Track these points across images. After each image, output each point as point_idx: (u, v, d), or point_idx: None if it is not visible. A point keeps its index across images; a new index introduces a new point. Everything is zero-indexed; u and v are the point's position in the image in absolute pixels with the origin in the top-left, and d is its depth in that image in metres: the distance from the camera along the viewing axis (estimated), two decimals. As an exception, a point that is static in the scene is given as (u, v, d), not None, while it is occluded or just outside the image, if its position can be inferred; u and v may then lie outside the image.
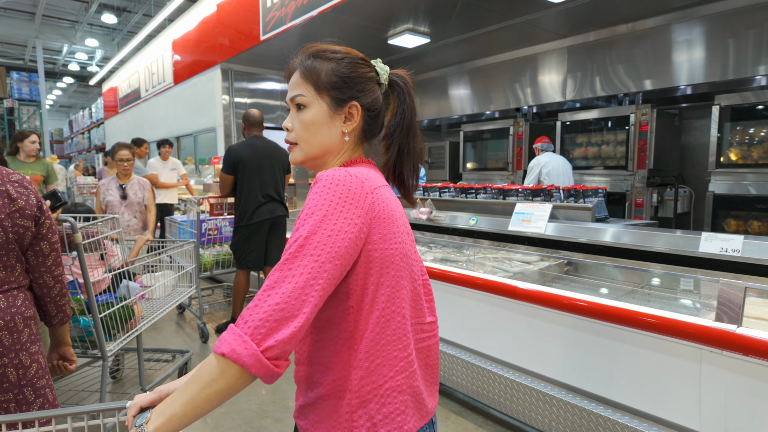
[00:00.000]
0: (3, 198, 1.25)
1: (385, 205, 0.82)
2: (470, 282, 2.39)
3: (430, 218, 3.44)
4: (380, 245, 0.79)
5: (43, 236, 1.35)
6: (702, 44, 4.53)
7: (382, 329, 0.80)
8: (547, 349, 2.13)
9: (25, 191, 1.31)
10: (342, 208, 0.76)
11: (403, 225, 0.87)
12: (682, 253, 2.14)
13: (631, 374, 1.85)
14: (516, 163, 6.30)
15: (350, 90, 0.90)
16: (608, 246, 2.48)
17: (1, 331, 1.23)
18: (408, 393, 0.82)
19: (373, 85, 0.93)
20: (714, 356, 1.55)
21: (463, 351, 2.50)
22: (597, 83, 5.29)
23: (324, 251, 0.72)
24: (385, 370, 0.80)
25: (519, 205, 2.90)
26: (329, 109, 0.90)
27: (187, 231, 3.88)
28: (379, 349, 0.80)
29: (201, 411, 0.70)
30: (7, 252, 1.25)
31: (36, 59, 13.63)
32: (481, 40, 5.49)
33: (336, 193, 0.77)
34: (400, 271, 0.82)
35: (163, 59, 8.65)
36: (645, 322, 1.71)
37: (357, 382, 0.79)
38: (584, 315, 1.95)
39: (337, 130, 0.91)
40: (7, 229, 1.24)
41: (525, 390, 2.16)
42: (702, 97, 5.32)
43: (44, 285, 1.38)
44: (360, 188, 0.79)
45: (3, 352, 1.23)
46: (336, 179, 0.78)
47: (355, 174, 0.81)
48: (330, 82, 0.89)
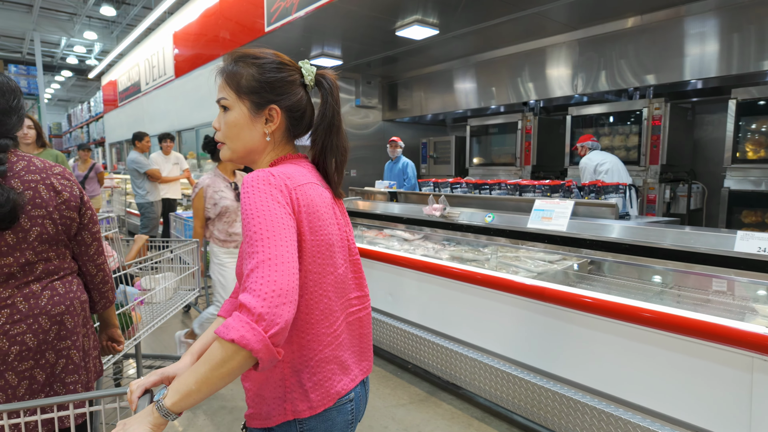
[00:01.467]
0: (49, 191, 1.29)
1: (308, 200, 0.92)
2: (501, 285, 2.27)
3: (444, 215, 3.34)
4: (308, 236, 0.91)
5: (85, 226, 1.40)
6: (716, 36, 4.41)
7: (310, 310, 0.92)
8: (579, 354, 2.04)
9: (68, 183, 1.35)
10: (271, 200, 0.85)
11: (330, 217, 0.98)
12: (717, 253, 2.04)
13: (674, 382, 1.76)
14: (524, 158, 6.19)
15: (269, 94, 0.97)
16: (635, 245, 2.39)
17: (64, 315, 1.31)
18: (334, 362, 0.96)
19: (294, 87, 1.00)
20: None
21: (485, 354, 2.41)
22: (607, 77, 5.17)
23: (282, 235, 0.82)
24: (314, 345, 0.93)
25: (539, 201, 2.79)
26: (249, 112, 0.98)
27: (192, 227, 3.78)
28: (308, 328, 0.92)
29: (215, 388, 0.78)
30: (57, 242, 1.32)
31: (34, 52, 13.45)
32: (490, 32, 5.37)
33: (261, 190, 0.85)
34: (325, 260, 0.94)
35: (163, 52, 8.51)
36: (694, 328, 1.61)
37: (290, 355, 0.92)
38: (631, 322, 1.85)
39: (258, 131, 0.99)
40: (56, 222, 1.30)
41: (556, 398, 2.06)
42: (715, 91, 5.22)
43: (87, 273, 1.44)
44: (281, 185, 0.88)
45: (67, 334, 1.31)
46: (257, 180, 0.87)
47: (277, 174, 0.89)
48: (249, 86, 0.97)
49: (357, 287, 1.06)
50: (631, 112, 5.08)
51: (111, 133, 13.30)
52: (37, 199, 1.26)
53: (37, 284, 1.28)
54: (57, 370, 1.30)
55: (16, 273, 1.24)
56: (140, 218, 5.74)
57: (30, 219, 1.25)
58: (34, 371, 1.24)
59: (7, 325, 1.20)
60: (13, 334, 1.21)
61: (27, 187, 1.25)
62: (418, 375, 2.95)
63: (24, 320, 1.23)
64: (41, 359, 1.26)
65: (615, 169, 4.76)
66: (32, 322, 1.24)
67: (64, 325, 1.31)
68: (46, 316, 1.27)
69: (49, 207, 1.28)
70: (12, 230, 1.22)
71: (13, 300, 1.23)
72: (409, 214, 3.74)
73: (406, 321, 2.92)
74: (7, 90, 1.29)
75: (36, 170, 1.29)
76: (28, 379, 1.23)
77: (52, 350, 1.28)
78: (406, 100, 7.58)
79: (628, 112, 5.12)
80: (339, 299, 0.99)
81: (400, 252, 3.05)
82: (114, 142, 13.12)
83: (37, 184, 1.28)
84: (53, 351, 1.29)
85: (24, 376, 1.22)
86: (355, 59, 6.29)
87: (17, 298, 1.23)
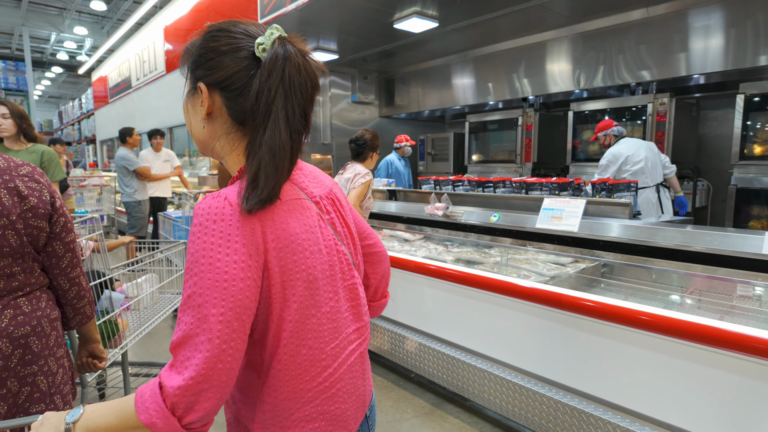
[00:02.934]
0: (12, 196, 1.12)
1: (280, 231, 0.73)
2: (513, 291, 2.11)
3: (447, 214, 3.19)
4: (279, 279, 0.73)
5: (57, 236, 1.22)
6: (721, 30, 4.29)
7: (286, 364, 0.76)
8: (599, 367, 1.89)
9: (37, 186, 1.18)
10: (228, 250, 0.68)
11: (313, 243, 0.78)
12: (743, 256, 1.91)
13: (705, 399, 1.62)
14: (525, 155, 6.05)
15: (198, 69, 0.79)
16: (652, 246, 2.25)
17: (29, 337, 1.15)
18: (321, 419, 0.79)
19: (227, 60, 0.77)
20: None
21: (495, 365, 2.26)
22: (610, 71, 5.04)
23: (221, 299, 0.67)
24: (290, 404, 0.77)
25: (547, 200, 2.65)
26: (187, 95, 0.83)
27: (182, 228, 3.61)
28: (283, 385, 0.76)
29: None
30: (22, 255, 1.15)
31: (23, 48, 13.16)
32: (489, 25, 5.23)
33: (209, 232, 0.69)
34: (305, 301, 0.76)
35: (154, 46, 8.30)
36: (736, 342, 1.46)
37: (261, 415, 0.78)
38: (660, 333, 1.71)
39: (197, 117, 0.82)
40: (20, 232, 1.12)
41: (574, 413, 1.92)
42: (720, 86, 5.10)
43: (59, 287, 1.27)
44: (242, 220, 0.70)
45: (32, 359, 1.15)
46: (212, 214, 0.70)
47: (234, 200, 0.71)
48: (189, 64, 0.81)
49: (354, 318, 0.87)
50: (636, 107, 4.95)
51: (102, 130, 13.06)
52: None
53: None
54: (20, 400, 1.14)
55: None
56: (127, 217, 5.54)
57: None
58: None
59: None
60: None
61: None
62: (422, 385, 2.79)
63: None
64: (2, 388, 1.10)
65: (652, 166, 3.98)
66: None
67: (29, 348, 1.14)
68: (8, 338, 1.11)
69: (12, 215, 1.10)
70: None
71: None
72: (410, 214, 3.59)
73: (409, 328, 2.76)
74: None
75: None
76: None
77: (15, 377, 1.12)
78: (403, 96, 7.42)
79: (633, 108, 4.99)
80: (330, 343, 0.81)
81: (401, 254, 2.89)
82: (105, 139, 12.89)
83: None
84: (16, 378, 1.12)
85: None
86: (352, 53, 6.12)
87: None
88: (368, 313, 0.93)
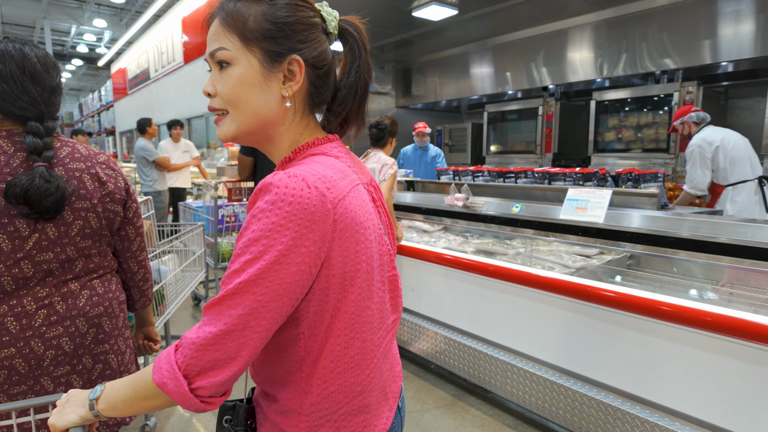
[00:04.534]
0: (94, 181, 1.18)
1: (350, 218, 0.67)
2: (539, 283, 2.07)
3: (467, 205, 3.14)
4: (339, 270, 0.67)
5: (129, 220, 1.29)
6: (752, 15, 4.14)
7: (338, 356, 0.71)
8: (630, 360, 1.85)
9: (113, 173, 1.25)
10: (294, 235, 0.62)
11: (372, 231, 0.73)
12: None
13: (746, 396, 1.57)
14: (545, 145, 5.95)
15: (289, 40, 0.71)
16: (681, 238, 2.18)
17: (102, 317, 1.21)
18: (365, 412, 0.76)
19: (318, 33, 0.74)
20: None
21: (518, 357, 2.23)
22: (634, 60, 4.91)
23: (269, 288, 0.62)
24: (341, 397, 0.73)
25: (572, 190, 2.59)
26: (262, 66, 0.71)
27: (202, 218, 3.63)
28: (334, 377, 0.72)
29: (140, 413, 0.73)
30: (100, 237, 1.21)
31: (44, 41, 13.37)
32: (509, 12, 5.13)
33: (288, 215, 0.62)
34: (363, 292, 0.72)
35: (172, 38, 8.34)
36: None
37: (308, 407, 0.72)
38: (696, 327, 1.66)
39: (274, 93, 0.72)
40: (100, 215, 1.19)
41: (600, 407, 1.88)
42: (750, 74, 4.93)
43: (128, 270, 1.34)
44: (320, 206, 0.64)
45: (104, 338, 1.22)
46: (289, 195, 0.62)
47: (314, 184, 0.64)
48: (261, 30, 0.70)
49: (393, 309, 0.84)
50: (662, 96, 4.82)
51: (121, 122, 13.23)
52: (82, 190, 1.15)
53: (76, 283, 1.18)
54: (93, 376, 1.21)
55: (54, 270, 1.13)
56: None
57: (73, 212, 1.14)
58: (71, 377, 1.16)
59: (43, 327, 1.11)
60: (49, 337, 1.12)
61: (71, 176, 1.14)
62: (443, 376, 2.78)
63: (61, 322, 1.13)
64: (78, 364, 1.17)
65: (745, 156, 3.44)
66: (69, 324, 1.15)
67: (102, 327, 1.22)
68: (84, 318, 1.18)
69: (94, 199, 1.17)
70: (54, 223, 1.11)
71: (51, 300, 1.13)
72: (429, 204, 3.55)
73: (430, 319, 2.74)
74: (51, 66, 1.16)
75: (81, 158, 1.18)
76: (64, 385, 1.15)
77: (89, 355, 1.20)
78: (420, 86, 7.34)
79: (658, 97, 4.85)
80: (376, 333, 0.77)
81: (420, 244, 2.86)
82: (124, 131, 13.06)
83: (82, 174, 1.16)
84: (90, 356, 1.20)
85: (60, 382, 1.14)
86: (369, 42, 6.06)
87: (55, 298, 1.13)
88: (402, 304, 0.89)
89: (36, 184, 1.04)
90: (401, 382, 0.90)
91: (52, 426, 0.75)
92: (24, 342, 1.09)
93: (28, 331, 1.09)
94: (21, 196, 1.03)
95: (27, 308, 1.10)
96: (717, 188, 3.59)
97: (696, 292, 2.07)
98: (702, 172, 3.48)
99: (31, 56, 1.12)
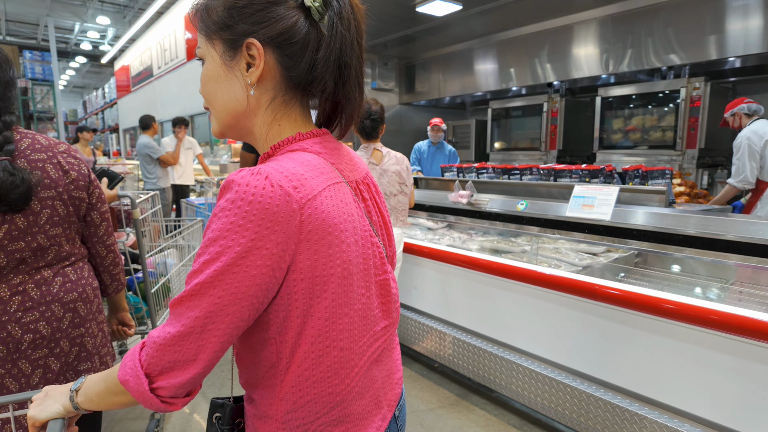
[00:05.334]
0: (57, 170, 1.23)
1: (321, 220, 0.63)
2: (546, 281, 2.04)
3: (471, 202, 3.12)
4: (308, 274, 0.64)
5: (93, 206, 1.34)
6: (761, 9, 4.08)
7: (312, 365, 0.68)
8: (637, 360, 1.82)
9: (75, 161, 1.29)
10: (254, 236, 0.59)
11: (351, 231, 0.68)
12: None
13: (761, 400, 1.54)
14: (549, 142, 5.90)
15: (242, 24, 0.67)
16: (689, 236, 2.15)
17: (77, 302, 1.28)
18: (346, 422, 0.73)
19: (280, 9, 0.68)
20: None
21: (523, 356, 2.20)
22: (640, 55, 4.85)
23: (227, 291, 0.59)
24: (318, 407, 0.70)
25: (578, 187, 2.56)
26: (222, 58, 0.70)
27: (204, 214, 3.62)
28: (309, 386, 0.69)
29: (112, 408, 0.73)
30: (69, 225, 1.26)
31: (48, 38, 13.38)
32: (514, 7, 5.07)
33: (247, 214, 0.59)
34: (338, 298, 0.68)
35: (175, 34, 8.32)
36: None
37: (284, 414, 0.70)
38: (707, 327, 1.63)
39: (238, 83, 0.70)
40: (66, 202, 1.24)
41: (608, 407, 1.85)
42: (758, 69, 4.87)
43: (97, 255, 1.39)
44: (283, 206, 0.60)
45: (80, 322, 1.28)
46: (250, 193, 0.59)
47: (278, 182, 0.61)
48: (218, 21, 0.69)
49: (384, 315, 0.79)
50: (669, 92, 4.76)
51: (125, 119, 13.24)
52: (46, 179, 1.19)
53: (49, 270, 1.23)
54: (71, 359, 1.27)
55: (27, 258, 1.19)
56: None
57: (40, 201, 1.18)
58: (48, 360, 1.22)
59: (19, 312, 1.17)
60: (26, 321, 1.17)
61: (34, 167, 1.18)
62: (447, 375, 2.75)
63: (36, 308, 1.19)
64: (55, 348, 1.23)
65: None
66: (45, 310, 1.21)
67: (77, 312, 1.28)
68: (59, 303, 1.23)
69: (59, 187, 1.22)
70: (22, 213, 1.16)
71: (25, 287, 1.18)
72: (433, 201, 3.53)
73: (435, 318, 2.72)
74: (2, 61, 1.18)
75: (42, 148, 1.22)
76: (42, 368, 1.20)
77: (66, 338, 1.25)
78: (423, 83, 7.30)
79: (664, 93, 4.80)
80: (357, 342, 0.72)
81: (424, 242, 2.84)
82: (128, 128, 13.07)
83: (45, 164, 1.20)
84: (67, 339, 1.25)
85: (38, 364, 1.20)
86: (372, 38, 6.02)
87: (29, 285, 1.19)
88: (398, 309, 0.84)
89: (1, 178, 1.07)
90: (401, 390, 0.86)
91: (32, 418, 0.75)
92: (1, 326, 1.14)
93: (3, 316, 1.14)
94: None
95: (1, 295, 1.15)
96: (761, 185, 3.46)
97: (704, 291, 2.03)
98: (750, 164, 3.40)
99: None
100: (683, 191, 3.61)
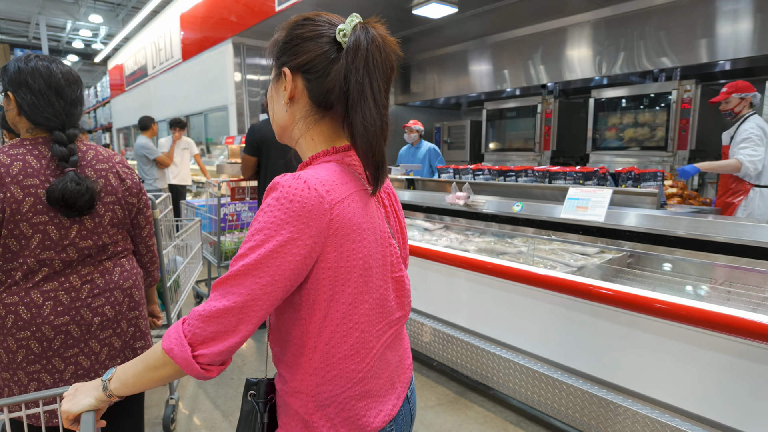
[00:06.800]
0: (116, 179, 1.40)
1: (346, 220, 0.76)
2: (542, 282, 2.09)
3: (468, 204, 3.17)
4: (334, 264, 0.76)
5: (140, 210, 1.50)
6: (750, 13, 4.17)
7: (338, 343, 0.80)
8: (629, 358, 1.89)
9: (129, 171, 1.47)
10: (293, 229, 0.72)
11: (372, 231, 0.81)
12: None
13: (746, 392, 1.60)
14: (543, 143, 5.98)
15: (284, 56, 0.84)
16: (680, 237, 2.21)
17: (132, 288, 1.46)
18: (368, 397, 0.84)
19: (309, 44, 0.81)
20: None
21: (520, 355, 2.26)
22: (633, 58, 4.93)
23: (267, 273, 0.71)
24: (343, 382, 0.81)
25: (573, 189, 2.62)
26: (273, 82, 0.88)
27: (205, 216, 3.64)
28: (335, 363, 0.80)
29: (148, 385, 0.80)
30: (123, 225, 1.44)
31: (40, 36, 13.27)
32: (509, 10, 5.14)
33: (288, 211, 0.72)
34: (359, 287, 0.80)
35: (170, 34, 8.30)
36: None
37: (313, 388, 0.81)
38: (698, 326, 1.69)
39: (280, 102, 0.86)
40: (123, 207, 1.42)
41: (602, 403, 1.92)
42: (747, 73, 4.97)
43: (139, 253, 1.56)
44: (317, 206, 0.73)
45: (135, 305, 1.46)
46: (291, 194, 0.73)
47: (314, 186, 0.74)
48: (273, 53, 0.86)
49: (399, 307, 0.91)
50: (660, 94, 4.85)
51: (118, 119, 13.17)
52: (108, 186, 1.37)
53: (109, 262, 1.40)
54: (127, 338, 1.44)
55: (93, 253, 1.35)
56: (149, 205, 5.63)
57: (104, 205, 1.36)
58: (112, 339, 1.40)
59: (89, 298, 1.34)
60: (95, 306, 1.35)
61: (99, 176, 1.35)
62: (445, 374, 2.81)
63: (102, 294, 1.36)
64: (117, 328, 1.41)
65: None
66: (109, 295, 1.38)
67: (132, 297, 1.45)
68: (119, 289, 1.41)
69: (118, 193, 1.39)
70: (90, 216, 1.33)
71: (92, 276, 1.35)
72: (429, 203, 3.58)
73: (433, 317, 2.78)
74: (73, 81, 1.34)
75: (104, 159, 1.40)
76: (107, 346, 1.38)
77: (125, 320, 1.43)
78: (419, 84, 7.35)
79: (656, 95, 4.89)
80: (375, 326, 0.85)
81: (422, 243, 2.89)
82: (121, 128, 13.00)
83: (107, 173, 1.38)
84: (125, 320, 1.43)
85: (105, 343, 1.38)
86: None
87: (95, 275, 1.36)
88: (410, 303, 0.96)
89: (69, 188, 1.22)
90: (411, 375, 0.98)
91: (66, 412, 0.83)
92: (75, 311, 1.31)
93: (77, 302, 1.31)
94: (60, 200, 1.22)
95: (74, 284, 1.32)
96: (746, 186, 3.48)
97: (695, 290, 2.10)
98: (761, 150, 3.35)
99: (56, 72, 1.29)
100: (675, 192, 3.68)
